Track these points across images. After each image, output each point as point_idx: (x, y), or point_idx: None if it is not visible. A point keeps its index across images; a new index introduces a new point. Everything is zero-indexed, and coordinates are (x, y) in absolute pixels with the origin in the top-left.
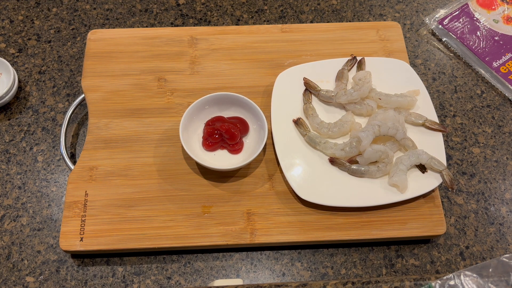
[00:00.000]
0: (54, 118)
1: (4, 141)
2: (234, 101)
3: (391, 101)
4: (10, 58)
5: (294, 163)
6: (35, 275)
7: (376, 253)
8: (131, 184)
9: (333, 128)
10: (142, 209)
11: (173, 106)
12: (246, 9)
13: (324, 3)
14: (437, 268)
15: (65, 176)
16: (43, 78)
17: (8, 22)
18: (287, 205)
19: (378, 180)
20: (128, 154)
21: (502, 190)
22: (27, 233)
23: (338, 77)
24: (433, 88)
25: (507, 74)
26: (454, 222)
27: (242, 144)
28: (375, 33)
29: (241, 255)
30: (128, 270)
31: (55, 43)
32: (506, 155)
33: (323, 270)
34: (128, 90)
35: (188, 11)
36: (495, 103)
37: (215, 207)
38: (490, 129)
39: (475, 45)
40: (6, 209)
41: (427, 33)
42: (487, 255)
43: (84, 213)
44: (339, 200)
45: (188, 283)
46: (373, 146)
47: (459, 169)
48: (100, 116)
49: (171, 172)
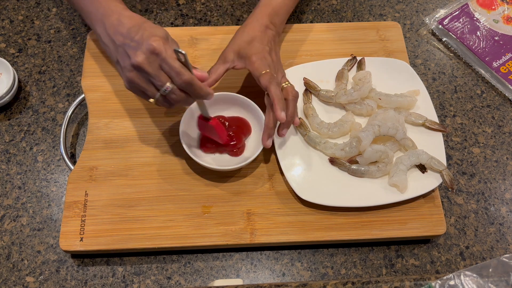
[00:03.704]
0: (54, 118)
1: (4, 141)
2: (234, 101)
3: (391, 101)
4: (10, 58)
5: (294, 163)
6: (35, 275)
7: (376, 253)
8: (131, 184)
9: (333, 128)
10: (142, 209)
11: None
12: (246, 9)
13: (324, 3)
14: (437, 268)
15: (65, 176)
16: (43, 78)
17: (8, 22)
18: (287, 205)
19: (378, 180)
20: (128, 154)
21: (502, 190)
22: (27, 233)
23: (338, 77)
24: (433, 88)
25: (507, 74)
26: (454, 222)
27: (244, 147)
28: (375, 33)
29: (241, 255)
30: (128, 270)
31: (55, 43)
32: (506, 155)
33: (323, 270)
34: (128, 90)
35: (188, 11)
36: (495, 103)
37: (215, 207)
38: (490, 129)
39: (475, 45)
40: (6, 209)
41: (427, 33)
42: (487, 255)
43: (84, 213)
44: (339, 200)
45: (188, 283)
46: (373, 146)
47: (459, 169)
48: (100, 116)
49: (171, 172)
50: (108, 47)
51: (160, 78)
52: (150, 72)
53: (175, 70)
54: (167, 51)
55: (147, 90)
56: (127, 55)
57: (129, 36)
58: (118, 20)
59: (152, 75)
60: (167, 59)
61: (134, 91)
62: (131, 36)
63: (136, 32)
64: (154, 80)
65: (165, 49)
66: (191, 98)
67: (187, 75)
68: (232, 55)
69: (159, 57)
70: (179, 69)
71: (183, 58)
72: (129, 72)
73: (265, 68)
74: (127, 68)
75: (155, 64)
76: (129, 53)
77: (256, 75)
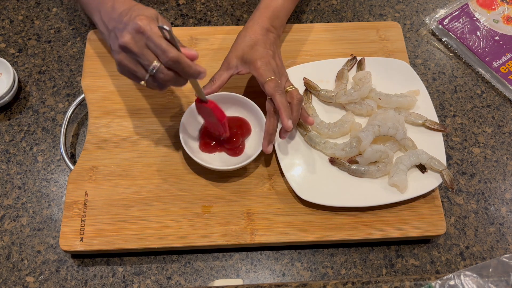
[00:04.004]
0: (54, 118)
1: (4, 141)
2: (234, 101)
3: (391, 101)
4: (10, 58)
5: (294, 163)
6: (35, 275)
7: (376, 253)
8: (131, 184)
9: (333, 128)
10: (142, 209)
11: (173, 106)
12: (246, 9)
13: (324, 3)
14: (437, 268)
15: (65, 176)
16: (43, 78)
17: (8, 22)
18: (287, 205)
19: (378, 180)
20: (128, 154)
21: (502, 190)
22: (27, 233)
23: (338, 77)
24: (433, 88)
25: (507, 74)
26: (454, 222)
27: (243, 147)
28: (375, 33)
29: (241, 255)
30: (128, 270)
31: (55, 43)
32: (506, 155)
33: (323, 270)
34: (128, 90)
35: (188, 11)
36: (495, 103)
37: (215, 207)
38: (490, 129)
39: (475, 45)
40: (6, 209)
41: (427, 33)
42: (487, 255)
43: (84, 213)
44: (339, 200)
45: (188, 283)
46: (373, 146)
47: (459, 169)
48: (100, 116)
49: (171, 172)
50: (104, 34)
51: (146, 57)
52: (136, 51)
53: (161, 48)
54: (152, 29)
55: (136, 71)
56: (116, 38)
57: (119, 20)
58: (111, 7)
59: (138, 54)
60: (152, 37)
61: (125, 73)
62: (121, 19)
63: (125, 14)
64: (141, 60)
65: (150, 27)
66: (182, 78)
67: (173, 52)
68: (235, 61)
69: (144, 36)
70: (165, 47)
71: (168, 35)
72: (118, 54)
73: (270, 75)
74: (116, 50)
75: (141, 43)
76: (117, 35)
77: (261, 81)
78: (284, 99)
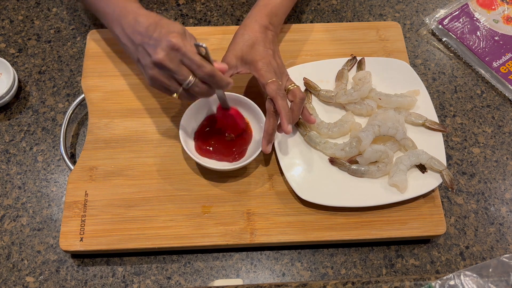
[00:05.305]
0: (54, 118)
1: (4, 141)
2: (234, 101)
3: (391, 101)
4: (10, 58)
5: (294, 163)
6: (35, 275)
7: (376, 253)
8: (131, 184)
9: (333, 128)
10: (142, 209)
11: (173, 106)
12: (246, 9)
13: (324, 3)
14: (437, 268)
15: (65, 176)
16: (43, 78)
17: (8, 22)
18: (287, 205)
19: (378, 180)
20: (128, 154)
21: (502, 190)
22: (27, 233)
23: (338, 77)
24: (433, 88)
25: (507, 74)
26: (454, 222)
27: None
28: (375, 33)
29: (241, 255)
30: (128, 270)
31: (55, 43)
32: (506, 155)
33: (323, 270)
34: (128, 90)
35: (188, 11)
36: (495, 103)
37: (215, 207)
38: (490, 129)
39: (475, 45)
40: (6, 209)
41: (427, 33)
42: (487, 255)
43: (84, 213)
44: (339, 200)
45: (188, 283)
46: (373, 146)
47: (459, 169)
48: (100, 116)
49: (171, 172)
50: (127, 47)
51: (182, 72)
52: (172, 68)
53: (197, 63)
54: (186, 46)
55: (170, 85)
56: (147, 54)
57: (147, 35)
58: (135, 20)
59: (174, 71)
60: (187, 53)
61: (157, 87)
62: (149, 34)
63: (154, 30)
64: (176, 75)
65: (184, 44)
66: (212, 90)
67: (209, 67)
68: (234, 61)
69: (179, 52)
70: (201, 62)
71: (203, 52)
72: (151, 70)
73: (272, 76)
74: (149, 66)
75: (176, 59)
76: (149, 51)
77: (262, 82)
78: (285, 103)
